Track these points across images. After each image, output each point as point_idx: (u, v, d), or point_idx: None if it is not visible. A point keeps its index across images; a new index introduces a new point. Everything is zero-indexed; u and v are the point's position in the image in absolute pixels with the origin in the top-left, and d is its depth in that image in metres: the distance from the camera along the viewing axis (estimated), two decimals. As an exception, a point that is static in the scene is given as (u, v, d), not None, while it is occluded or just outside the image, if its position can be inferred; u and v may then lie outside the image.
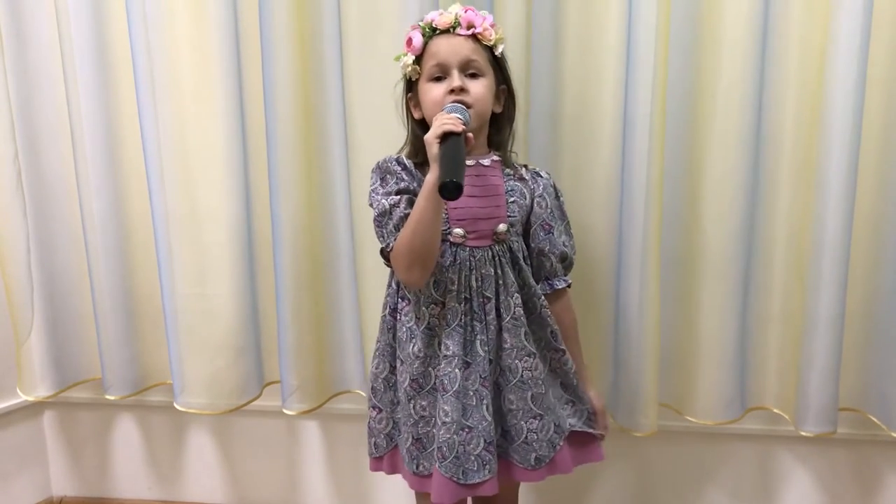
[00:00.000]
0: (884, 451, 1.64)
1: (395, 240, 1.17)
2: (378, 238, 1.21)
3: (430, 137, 1.09)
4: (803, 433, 1.52)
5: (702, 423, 1.58)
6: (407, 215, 1.16)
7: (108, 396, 1.75)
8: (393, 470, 1.32)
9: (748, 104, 1.43)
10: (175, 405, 1.70)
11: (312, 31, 1.52)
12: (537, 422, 1.22)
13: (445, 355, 1.19)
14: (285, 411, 1.67)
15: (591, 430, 1.31)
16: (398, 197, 1.18)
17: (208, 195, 1.59)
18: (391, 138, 1.50)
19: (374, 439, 1.32)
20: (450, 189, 1.01)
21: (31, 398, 1.78)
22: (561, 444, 1.26)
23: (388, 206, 1.18)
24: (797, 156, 1.46)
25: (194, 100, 1.56)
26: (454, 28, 1.19)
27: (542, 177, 1.30)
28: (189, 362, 1.66)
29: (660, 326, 1.51)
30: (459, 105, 1.15)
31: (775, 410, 1.60)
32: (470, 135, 1.12)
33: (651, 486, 1.76)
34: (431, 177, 1.09)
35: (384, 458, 1.32)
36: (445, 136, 1.08)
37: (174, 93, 1.56)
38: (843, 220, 1.40)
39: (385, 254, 1.22)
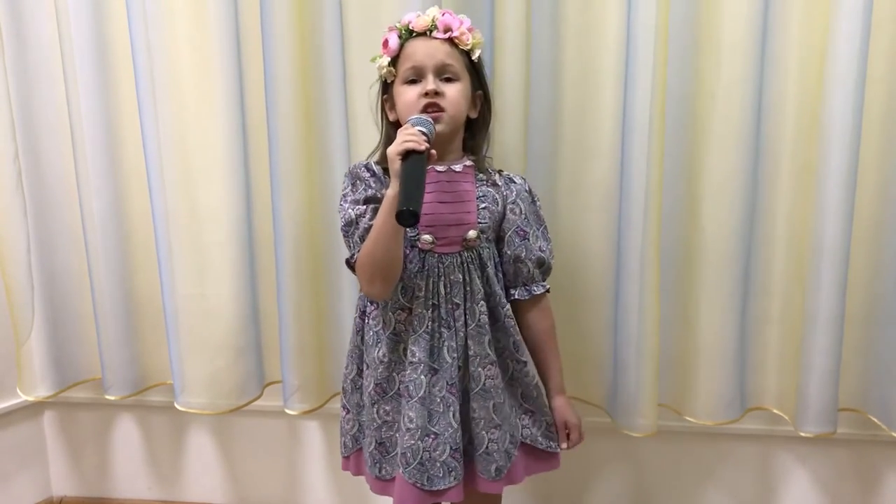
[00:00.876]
0: (884, 452, 1.65)
1: (358, 251, 1.17)
2: (346, 247, 1.21)
3: (392, 153, 1.07)
4: (803, 433, 1.52)
5: (701, 424, 1.58)
6: (371, 227, 1.15)
7: (108, 396, 1.75)
8: (357, 471, 1.33)
9: (748, 105, 1.43)
10: (175, 405, 1.70)
11: (313, 28, 1.52)
12: (497, 432, 1.21)
13: (411, 361, 1.18)
14: (287, 411, 1.67)
15: (539, 447, 1.28)
16: (364, 207, 1.17)
17: (208, 195, 1.59)
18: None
19: (343, 439, 1.33)
20: (406, 217, 1.01)
21: (31, 398, 1.78)
22: (515, 453, 1.25)
23: (353, 217, 1.17)
24: (797, 156, 1.47)
25: (195, 99, 1.56)
26: (431, 31, 1.18)
27: (515, 182, 1.28)
28: (189, 362, 1.66)
29: (659, 327, 1.51)
30: (425, 118, 1.13)
31: (775, 411, 1.60)
32: (433, 151, 1.10)
33: (651, 486, 1.77)
34: (392, 191, 1.08)
35: (350, 458, 1.33)
36: (407, 154, 1.06)
37: (174, 92, 1.55)
38: (842, 221, 1.40)
39: (350, 264, 1.21)
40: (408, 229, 1.15)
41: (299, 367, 1.63)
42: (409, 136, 1.07)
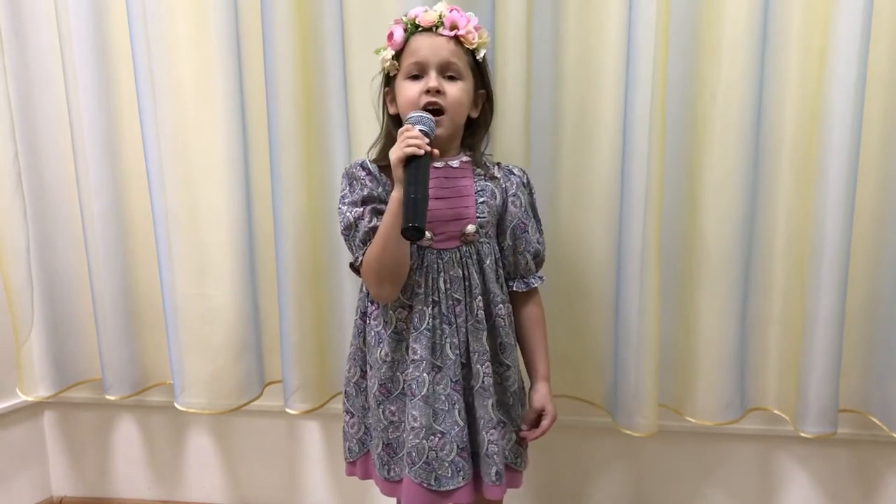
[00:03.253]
0: (884, 452, 1.64)
1: (363, 255, 1.16)
2: (348, 250, 1.20)
3: (395, 160, 1.06)
4: (803, 434, 1.52)
5: (702, 424, 1.58)
6: (371, 229, 1.14)
7: (108, 396, 1.74)
8: (365, 475, 1.31)
9: (748, 104, 1.43)
10: (175, 405, 1.70)
11: (314, 29, 1.52)
12: (496, 432, 1.19)
13: (413, 359, 1.17)
14: (288, 411, 1.66)
15: (509, 464, 1.24)
16: (361, 209, 1.16)
17: (209, 194, 1.59)
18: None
19: (347, 444, 1.31)
20: (412, 233, 1.01)
21: (31, 398, 1.78)
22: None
23: (352, 220, 1.17)
24: (797, 156, 1.46)
25: (195, 99, 1.56)
26: (437, 27, 1.16)
27: (514, 174, 1.27)
28: (189, 362, 1.66)
29: (659, 327, 1.51)
30: (426, 115, 1.12)
31: (775, 411, 1.60)
32: (436, 151, 1.09)
33: (651, 486, 1.76)
34: (397, 194, 1.08)
35: (357, 462, 1.31)
36: (409, 159, 1.05)
37: (174, 92, 1.55)
38: (843, 221, 1.40)
39: (355, 267, 1.20)
40: None
41: (300, 366, 1.63)
42: (411, 140, 1.06)
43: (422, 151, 1.05)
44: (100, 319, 1.69)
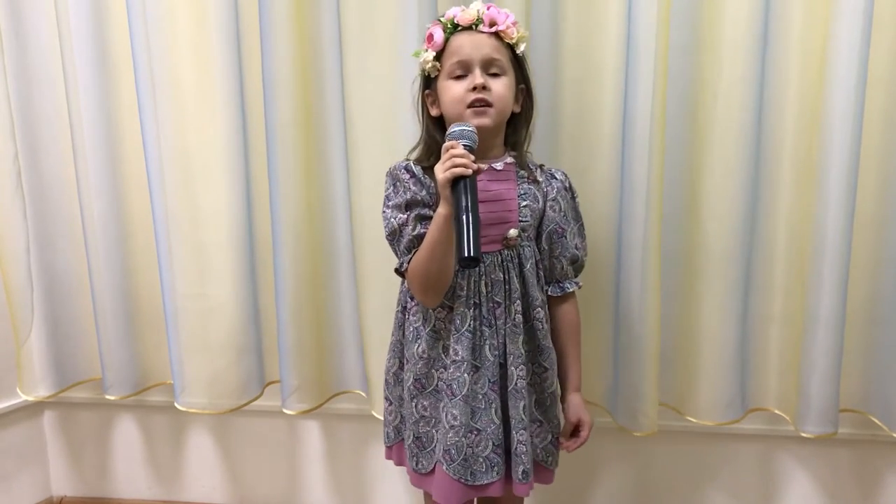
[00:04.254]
0: (884, 452, 1.64)
1: (408, 262, 1.17)
2: (393, 253, 1.21)
3: (442, 180, 1.06)
4: (804, 434, 1.52)
5: (702, 424, 1.58)
6: (416, 237, 1.15)
7: (108, 396, 1.75)
8: (400, 461, 1.34)
9: (748, 104, 1.43)
10: (176, 405, 1.70)
11: (312, 31, 1.52)
12: (525, 433, 1.20)
13: (454, 360, 1.19)
14: (285, 411, 1.67)
15: (537, 459, 1.26)
16: (405, 215, 1.17)
17: (208, 195, 1.59)
18: (391, 138, 1.50)
19: (386, 429, 1.34)
20: (468, 263, 1.01)
21: (31, 398, 1.78)
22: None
23: (396, 226, 1.17)
24: (798, 155, 1.46)
25: (195, 99, 1.56)
26: (476, 25, 1.17)
27: (556, 178, 1.27)
28: (189, 362, 1.66)
29: (660, 326, 1.51)
30: (468, 128, 1.11)
31: (776, 411, 1.59)
32: (482, 167, 1.09)
33: (651, 486, 1.76)
34: (444, 210, 1.08)
35: (393, 448, 1.34)
36: (457, 180, 1.05)
37: (174, 92, 1.55)
38: (843, 221, 1.40)
39: (400, 272, 1.21)
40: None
41: (298, 367, 1.63)
42: (458, 160, 1.04)
43: (469, 171, 1.05)
44: (100, 319, 1.69)
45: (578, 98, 1.50)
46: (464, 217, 1.02)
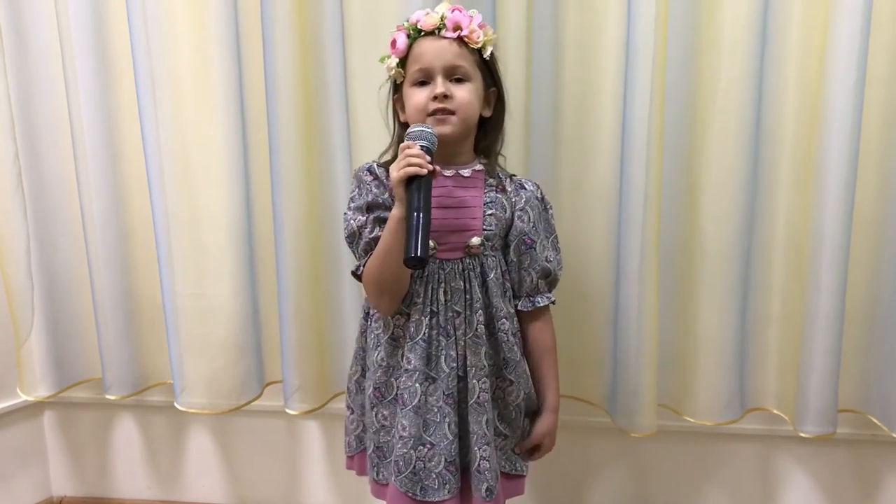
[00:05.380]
0: (884, 452, 1.64)
1: (364, 265, 1.15)
2: (353, 255, 1.19)
3: (395, 179, 1.03)
4: (803, 434, 1.52)
5: (701, 424, 1.58)
6: (373, 239, 1.13)
7: (108, 396, 1.75)
8: (361, 471, 1.32)
9: (747, 104, 1.43)
10: (175, 405, 1.70)
11: (314, 30, 1.52)
12: (489, 449, 1.16)
13: (406, 369, 1.15)
14: (288, 411, 1.67)
15: (503, 470, 1.22)
16: (365, 217, 1.14)
17: (209, 195, 1.59)
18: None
19: (347, 438, 1.32)
20: (413, 263, 0.99)
21: (31, 398, 1.78)
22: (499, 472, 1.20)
23: (355, 228, 1.15)
24: (797, 156, 1.47)
25: (195, 99, 1.56)
26: (440, 30, 1.13)
27: (526, 188, 1.22)
28: (189, 362, 1.66)
29: (659, 327, 1.51)
30: (427, 129, 1.08)
31: (775, 411, 1.60)
32: (438, 169, 1.06)
33: (650, 486, 1.76)
34: (398, 213, 1.05)
35: (355, 458, 1.32)
36: (410, 179, 1.02)
37: (174, 92, 1.56)
38: (842, 221, 1.40)
39: (356, 275, 1.18)
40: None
41: (299, 366, 1.63)
42: (412, 159, 1.02)
43: (424, 171, 1.02)
44: (100, 319, 1.69)
45: (578, 99, 1.50)
46: (414, 215, 1.00)
